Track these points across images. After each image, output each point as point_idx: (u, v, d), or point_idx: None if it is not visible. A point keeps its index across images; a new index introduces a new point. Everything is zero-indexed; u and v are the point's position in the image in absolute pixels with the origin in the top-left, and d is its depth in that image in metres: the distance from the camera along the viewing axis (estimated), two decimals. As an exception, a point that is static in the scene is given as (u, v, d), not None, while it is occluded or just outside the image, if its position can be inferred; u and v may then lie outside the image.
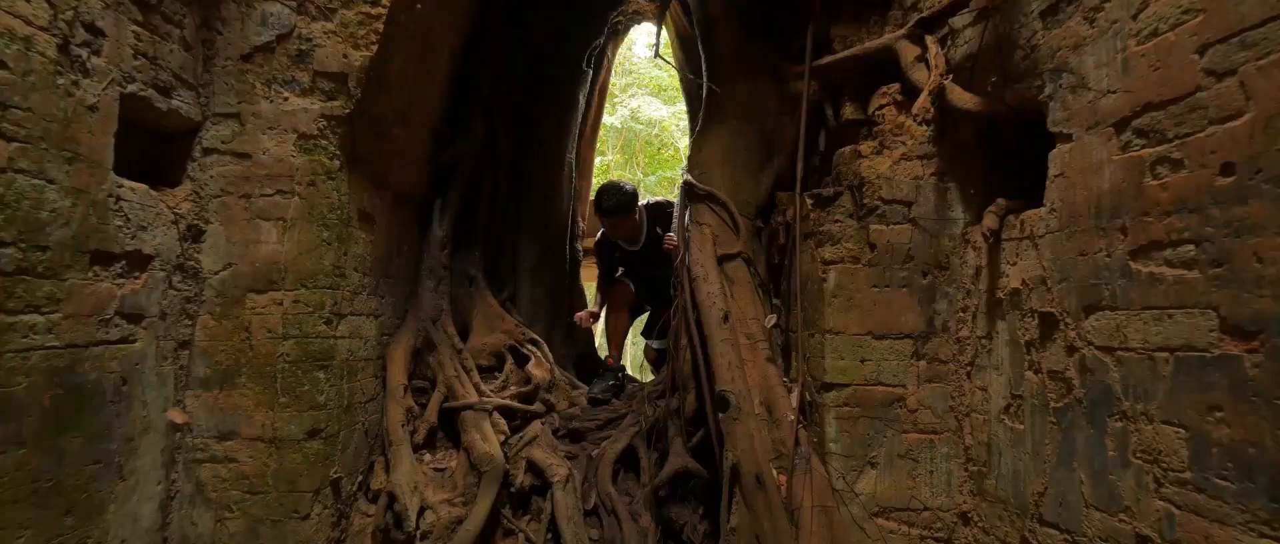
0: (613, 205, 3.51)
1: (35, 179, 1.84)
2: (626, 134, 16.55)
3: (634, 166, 15.55)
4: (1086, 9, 1.98)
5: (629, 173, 15.45)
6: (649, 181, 15.97)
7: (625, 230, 3.65)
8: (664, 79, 14.50)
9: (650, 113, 14.73)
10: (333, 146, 2.66)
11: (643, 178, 15.89)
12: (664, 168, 15.99)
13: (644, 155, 15.70)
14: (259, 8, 2.59)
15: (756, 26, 3.66)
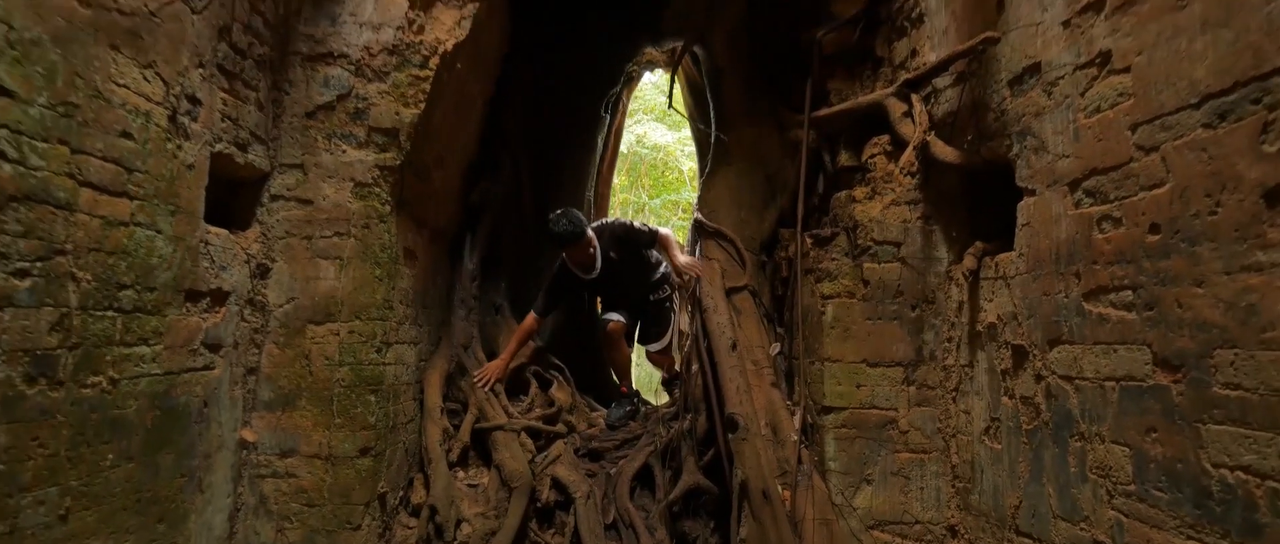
0: (562, 232, 3.45)
1: (149, 230, 2.16)
2: (632, 158, 16.94)
3: (639, 189, 15.93)
4: (1045, 83, 2.31)
5: (634, 196, 15.82)
6: (654, 204, 16.34)
7: (580, 257, 3.58)
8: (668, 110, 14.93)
9: (656, 138, 15.14)
10: (384, 193, 2.99)
11: (648, 201, 16.25)
12: (668, 191, 16.36)
13: (649, 179, 16.10)
14: (322, 72, 2.93)
15: (759, 78, 4.02)
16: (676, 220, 16.26)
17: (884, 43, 3.49)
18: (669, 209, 16.51)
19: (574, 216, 3.48)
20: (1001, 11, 2.57)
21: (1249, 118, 1.56)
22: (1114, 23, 1.98)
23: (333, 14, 2.94)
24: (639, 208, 16.13)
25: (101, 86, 1.93)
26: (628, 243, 3.68)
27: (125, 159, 2.04)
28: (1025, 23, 2.41)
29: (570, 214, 3.49)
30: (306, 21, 2.92)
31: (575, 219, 3.47)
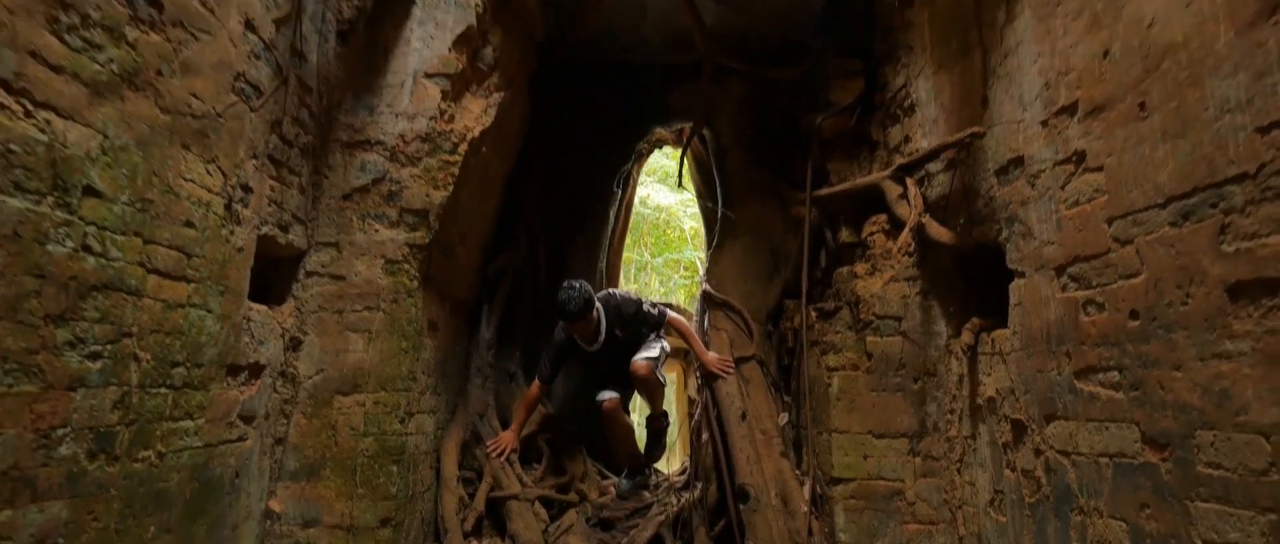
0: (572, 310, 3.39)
1: (201, 310, 2.32)
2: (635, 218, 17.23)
3: (642, 247, 16.21)
4: (1028, 174, 2.52)
5: (637, 254, 16.07)
6: (656, 263, 16.58)
7: (585, 331, 3.51)
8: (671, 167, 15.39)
9: (658, 199, 15.53)
10: (413, 269, 3.17)
11: (650, 259, 16.51)
12: (669, 249, 16.65)
13: (652, 237, 16.41)
14: (359, 157, 3.17)
15: (763, 156, 4.27)
16: (678, 278, 16.48)
17: (879, 128, 3.75)
18: (670, 267, 16.76)
19: (583, 291, 3.41)
20: (986, 107, 2.81)
21: (1208, 219, 1.74)
22: (1086, 126, 2.20)
23: (371, 105, 3.19)
24: (641, 266, 16.37)
25: (172, 182, 2.13)
26: (635, 323, 3.60)
27: (187, 246, 2.22)
28: (1008, 120, 2.65)
29: (580, 288, 3.41)
30: (347, 112, 3.18)
31: (584, 294, 3.40)
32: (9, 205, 1.57)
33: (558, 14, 3.97)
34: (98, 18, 1.77)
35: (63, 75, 1.68)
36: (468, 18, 3.28)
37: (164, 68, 2.03)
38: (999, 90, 2.71)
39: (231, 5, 2.33)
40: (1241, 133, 1.65)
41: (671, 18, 3.93)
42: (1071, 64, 2.28)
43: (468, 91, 3.45)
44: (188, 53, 2.13)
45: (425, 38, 3.26)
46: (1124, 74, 2.04)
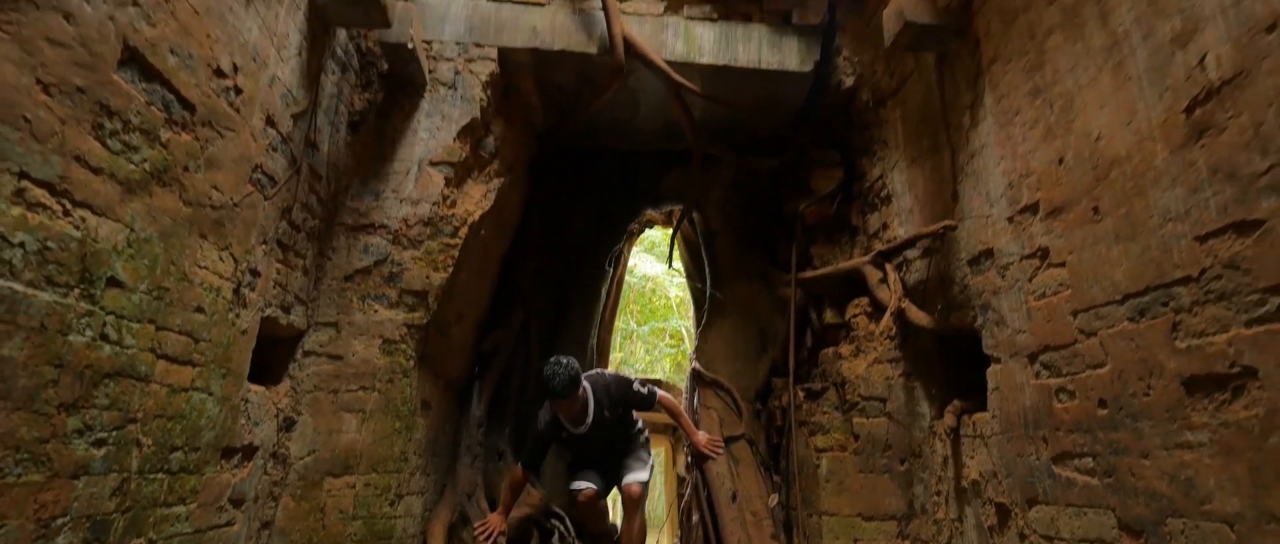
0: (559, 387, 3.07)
1: (203, 394, 2.36)
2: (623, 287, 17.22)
3: (628, 316, 16.28)
4: (999, 266, 2.69)
5: (623, 322, 16.11)
6: (642, 331, 16.61)
7: (571, 409, 3.19)
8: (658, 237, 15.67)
9: (645, 269, 15.75)
10: (410, 349, 3.23)
11: (636, 327, 16.56)
12: (656, 318, 16.73)
13: (638, 306, 16.50)
14: (363, 240, 3.28)
15: (750, 239, 4.46)
16: (664, 346, 16.50)
17: (859, 215, 3.96)
18: (656, 335, 16.79)
19: (570, 368, 3.12)
20: (957, 201, 3.02)
21: (1162, 317, 1.89)
22: (1048, 225, 2.39)
23: (377, 191, 3.34)
24: (627, 334, 16.38)
25: (188, 270, 2.22)
26: (624, 403, 3.35)
27: (196, 330, 2.29)
28: (977, 214, 2.85)
29: (567, 365, 3.13)
30: (353, 197, 3.32)
31: (572, 370, 3.12)
32: (39, 299, 1.65)
33: (558, 105, 4.23)
34: (137, 122, 1.91)
35: (101, 176, 1.80)
36: (473, 111, 3.49)
37: (190, 163, 2.16)
38: (968, 187, 2.93)
39: (256, 104, 2.50)
40: (1183, 240, 1.83)
41: (663, 110, 4.20)
42: (1031, 167, 2.49)
43: (470, 178, 3.62)
44: (213, 149, 2.27)
45: (432, 129, 3.45)
46: (1078, 180, 2.24)
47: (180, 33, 2.04)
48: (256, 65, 2.47)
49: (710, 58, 3.70)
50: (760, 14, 3.79)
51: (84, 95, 1.71)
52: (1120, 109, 2.07)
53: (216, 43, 2.21)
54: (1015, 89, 2.60)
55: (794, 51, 3.74)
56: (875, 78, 3.73)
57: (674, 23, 3.75)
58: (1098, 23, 2.18)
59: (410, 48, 3.22)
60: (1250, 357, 1.62)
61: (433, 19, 3.64)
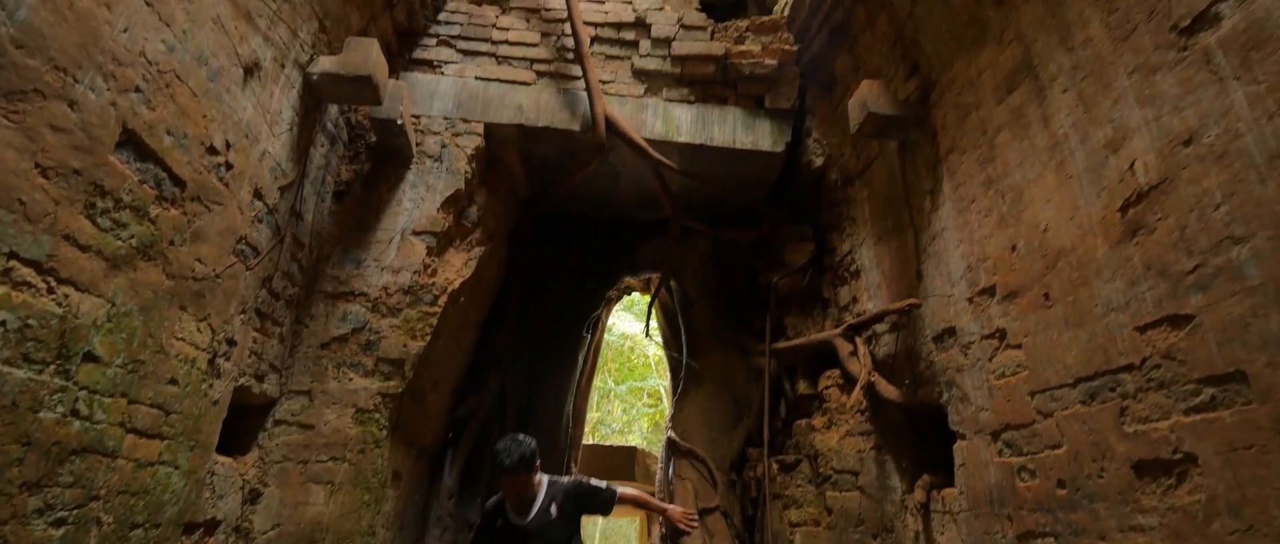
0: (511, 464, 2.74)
1: (170, 468, 2.32)
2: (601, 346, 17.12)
3: (606, 374, 16.13)
4: (961, 344, 2.80)
5: (601, 380, 15.94)
6: (619, 390, 16.44)
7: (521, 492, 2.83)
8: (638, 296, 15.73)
9: (624, 328, 15.74)
10: (383, 418, 3.20)
11: (614, 386, 16.40)
12: (634, 377, 16.59)
13: (616, 364, 16.39)
14: (342, 308, 3.30)
15: (725, 308, 4.55)
16: (641, 406, 16.32)
17: (830, 288, 4.09)
18: (634, 395, 16.63)
19: (527, 445, 2.81)
20: (921, 280, 3.16)
21: (1110, 401, 1.99)
22: (1004, 308, 2.52)
23: (359, 259, 3.39)
24: (605, 393, 16.20)
25: (165, 342, 2.22)
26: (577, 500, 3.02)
27: (167, 403, 2.27)
28: (940, 293, 2.98)
29: (524, 441, 2.82)
30: (335, 265, 3.35)
31: (528, 448, 2.80)
32: (14, 377, 1.65)
33: (541, 176, 4.36)
34: (129, 200, 1.96)
35: (88, 252, 1.83)
36: (457, 183, 3.60)
37: (176, 238, 2.20)
38: (930, 266, 3.07)
39: (245, 178, 2.56)
40: (1125, 329, 1.95)
41: (643, 183, 4.35)
42: (987, 252, 2.64)
43: (451, 246, 3.69)
44: (200, 223, 2.31)
45: (416, 199, 3.54)
46: (1030, 267, 2.39)
47: (177, 114, 2.12)
48: (248, 141, 2.55)
49: (687, 137, 3.89)
50: (735, 97, 4.01)
51: (80, 177, 1.77)
52: (1064, 204, 2.23)
53: (211, 122, 2.30)
54: (970, 178, 2.78)
55: (767, 133, 3.95)
56: (843, 159, 3.93)
57: (653, 104, 3.95)
58: (1041, 124, 2.38)
59: (399, 124, 3.34)
60: (1191, 444, 1.72)
61: (422, 95, 3.79)
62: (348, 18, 3.21)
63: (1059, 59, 2.29)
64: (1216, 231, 1.68)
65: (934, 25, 2.98)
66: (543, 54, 3.97)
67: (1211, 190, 1.70)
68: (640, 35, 4.07)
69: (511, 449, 2.80)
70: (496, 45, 3.99)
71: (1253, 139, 1.60)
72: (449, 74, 3.88)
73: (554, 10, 4.07)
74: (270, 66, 2.66)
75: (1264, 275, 1.56)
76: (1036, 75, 2.40)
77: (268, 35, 2.61)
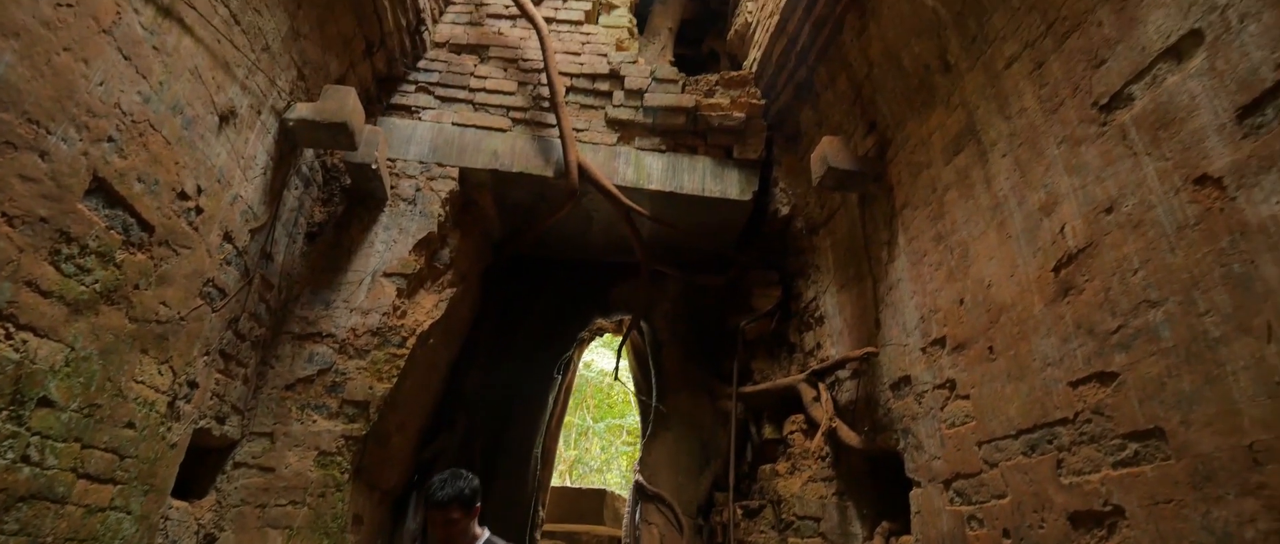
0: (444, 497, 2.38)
1: (121, 513, 2.29)
2: (578, 381, 17.11)
3: (584, 412, 15.96)
4: (916, 393, 2.89)
5: (578, 418, 15.76)
6: (598, 428, 16.25)
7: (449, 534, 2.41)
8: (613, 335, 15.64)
9: (602, 364, 15.65)
10: (345, 461, 3.18)
11: (592, 424, 16.21)
12: (612, 415, 16.43)
13: (593, 401, 16.24)
14: (309, 348, 3.30)
15: (695, 351, 4.61)
16: (619, 444, 16.12)
17: (796, 332, 4.18)
18: (613, 433, 16.45)
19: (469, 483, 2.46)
20: (879, 328, 3.26)
21: (1048, 454, 2.08)
22: (954, 359, 2.62)
23: (328, 300, 3.41)
24: (583, 430, 16.01)
25: (123, 386, 2.22)
26: None
27: (122, 447, 2.25)
28: (896, 342, 3.08)
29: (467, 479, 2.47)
30: (304, 306, 3.37)
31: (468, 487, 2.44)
32: (-35, 423, 1.65)
33: (515, 218, 4.44)
34: (95, 246, 1.99)
35: (50, 298, 1.85)
36: (430, 226, 3.65)
37: (142, 282, 2.22)
38: (887, 316, 3.18)
39: (215, 221, 2.60)
40: (1059, 384, 2.05)
41: (615, 226, 4.45)
42: (938, 304, 2.75)
43: (422, 288, 3.72)
44: (167, 267, 2.34)
45: (389, 241, 3.58)
46: (976, 320, 2.49)
47: (150, 162, 2.16)
48: (220, 186, 2.59)
49: (658, 184, 4.00)
50: (705, 147, 4.15)
51: (46, 224, 1.80)
52: (1005, 262, 2.35)
53: (183, 168, 2.34)
54: (923, 233, 2.91)
55: (735, 182, 4.08)
56: (808, 208, 4.07)
57: (625, 152, 4.07)
58: (984, 185, 2.52)
59: (374, 168, 3.41)
60: (1119, 497, 1.80)
61: (399, 139, 3.87)
62: (327, 66, 3.30)
63: (999, 126, 2.44)
64: (1135, 295, 1.80)
65: (889, 87, 3.15)
66: (519, 102, 4.09)
67: (1130, 256, 1.83)
68: (614, 86, 4.22)
69: (448, 482, 2.44)
70: (474, 92, 4.10)
71: (1162, 210, 1.73)
72: (426, 119, 3.98)
73: (531, 61, 4.21)
74: (246, 113, 2.73)
75: (1176, 338, 1.67)
76: (979, 139, 2.55)
77: (245, 83, 2.68)
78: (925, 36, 2.82)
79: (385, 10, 3.50)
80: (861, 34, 3.21)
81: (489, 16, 4.41)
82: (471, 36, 4.28)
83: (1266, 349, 1.46)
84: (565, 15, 4.53)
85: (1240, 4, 1.55)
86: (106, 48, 1.91)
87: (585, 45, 4.39)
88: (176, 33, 2.22)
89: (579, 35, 4.45)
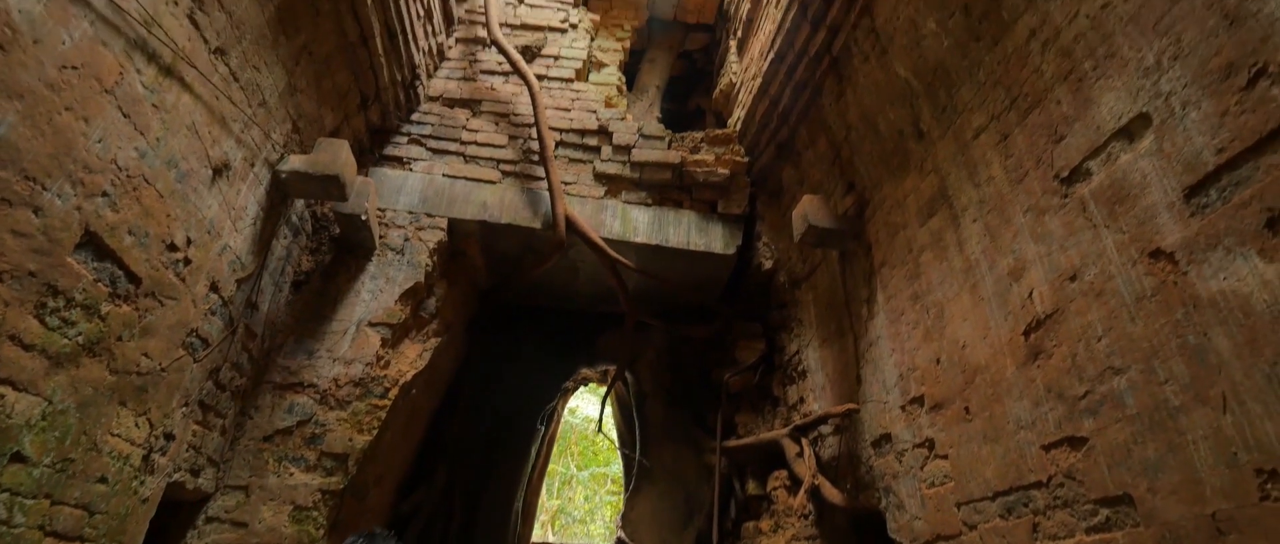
0: None
1: (86, 572, 2.23)
2: (563, 428, 16.84)
3: (568, 459, 15.65)
4: (896, 451, 2.91)
5: (562, 466, 15.45)
6: (582, 476, 15.91)
7: None
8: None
9: (587, 410, 15.45)
10: (321, 516, 3.11)
11: (576, 472, 15.88)
12: (597, 463, 16.13)
13: (579, 448, 15.95)
14: (289, 399, 3.28)
15: (679, 403, 4.61)
16: (604, 493, 15.77)
17: (779, 386, 4.21)
18: (597, 481, 16.11)
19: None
20: (860, 385, 3.30)
21: (1025, 517, 2.10)
22: (933, 418, 2.65)
23: (311, 349, 3.39)
24: (567, 479, 15.66)
25: (99, 439, 2.19)
26: None
27: (93, 503, 2.21)
28: (876, 399, 3.11)
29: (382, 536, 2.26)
30: (286, 355, 3.35)
31: None
32: (-65, 480, 1.62)
33: (502, 268, 4.48)
34: (81, 298, 2.00)
35: (31, 352, 1.85)
36: (417, 276, 3.68)
37: (125, 334, 2.23)
38: (867, 372, 3.22)
39: (202, 272, 2.62)
40: (1033, 447, 2.09)
41: (601, 278, 4.50)
42: (916, 363, 2.81)
43: (407, 338, 3.72)
44: (151, 318, 2.34)
45: (375, 291, 3.60)
46: (952, 380, 2.54)
47: (141, 215, 2.20)
48: (210, 237, 2.62)
49: (644, 237, 4.08)
50: (690, 202, 4.25)
51: (34, 278, 1.82)
52: (978, 324, 2.42)
53: (174, 220, 2.38)
54: (900, 292, 2.98)
55: (719, 236, 4.17)
56: (791, 263, 4.16)
57: (612, 205, 4.16)
58: (957, 248, 2.60)
59: (363, 219, 3.45)
60: (1092, 563, 1.82)
61: (389, 190, 3.94)
62: (322, 119, 3.38)
63: (969, 192, 2.55)
64: (1100, 361, 1.86)
65: (866, 150, 3.28)
66: (509, 155, 4.19)
67: (1094, 324, 1.90)
68: (602, 141, 4.34)
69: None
70: (465, 145, 4.20)
71: (1122, 281, 1.81)
72: (417, 171, 4.05)
73: (522, 115, 4.34)
74: (240, 166, 2.78)
75: (1139, 405, 1.73)
76: (951, 204, 2.65)
77: (240, 137, 2.75)
78: (899, 104, 2.96)
79: (381, 66, 3.61)
80: (839, 99, 3.36)
81: (482, 72, 4.55)
82: (465, 91, 4.41)
83: (1223, 419, 1.51)
84: (557, 73, 4.68)
85: (1182, 92, 1.67)
86: (107, 106, 1.96)
87: (575, 101, 4.53)
88: (176, 90, 2.28)
89: (569, 92, 4.60)
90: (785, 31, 3.46)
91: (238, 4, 2.50)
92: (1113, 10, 1.89)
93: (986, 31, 2.41)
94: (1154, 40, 1.75)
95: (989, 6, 2.37)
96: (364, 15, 3.24)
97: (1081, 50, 2.00)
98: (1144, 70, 1.78)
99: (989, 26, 2.39)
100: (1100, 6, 1.94)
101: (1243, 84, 1.51)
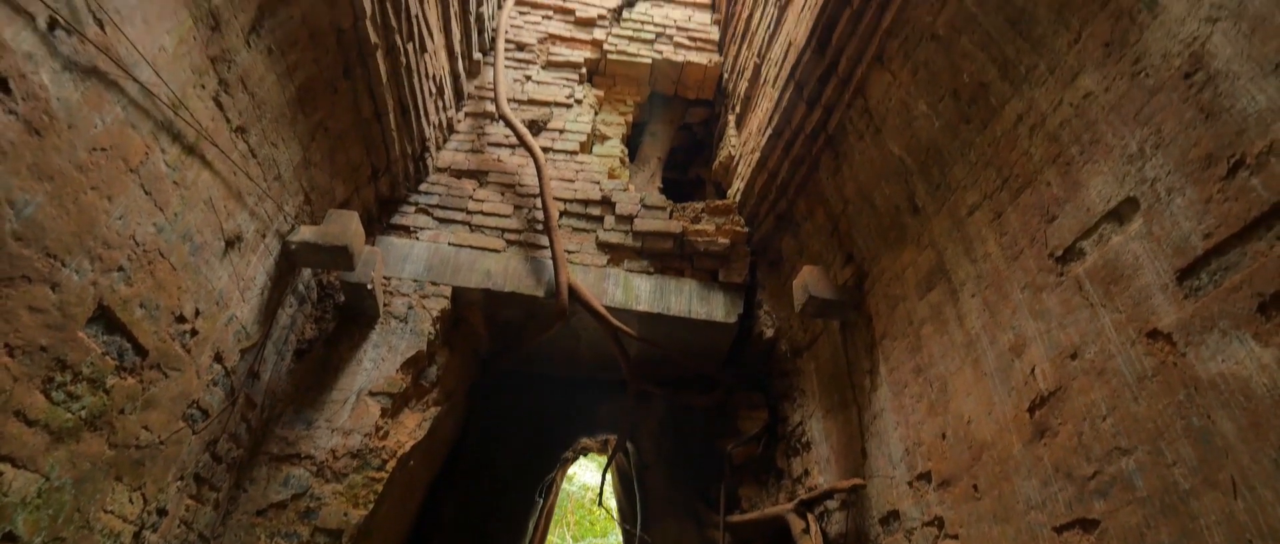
0: None
1: (65, 660, 2.13)
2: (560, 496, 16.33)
3: (565, 528, 15.11)
4: (904, 528, 2.84)
5: (558, 538, 14.90)
6: (577, 548, 15.30)
7: None
8: (599, 449, 15.15)
9: (585, 477, 15.04)
10: (311, 597, 3.01)
11: (572, 542, 15.29)
12: (593, 533, 15.56)
13: (576, 516, 15.42)
14: (285, 471, 3.22)
15: (682, 474, 4.52)
16: (601, 568, 15.14)
17: (783, 458, 4.14)
18: (593, 555, 15.50)
19: None
20: (866, 458, 3.25)
21: (1040, 603, 2.03)
22: (940, 495, 2.61)
23: (310, 419, 3.36)
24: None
25: (92, 517, 2.15)
26: None
27: (79, 584, 2.14)
28: (882, 474, 3.06)
29: None
30: (284, 425, 3.32)
31: None
32: (-76, 563, 1.59)
33: (504, 335, 4.49)
34: (88, 372, 2.01)
35: (35, 427, 1.85)
36: (420, 344, 3.69)
37: (128, 406, 2.22)
38: (872, 446, 3.18)
39: (208, 343, 2.63)
40: (1044, 528, 2.05)
41: (602, 345, 4.50)
42: (921, 438, 2.78)
43: (407, 407, 3.69)
44: (154, 390, 2.34)
45: (377, 359, 3.60)
46: (959, 457, 2.52)
47: (154, 288, 2.23)
48: (218, 308, 2.65)
49: (646, 306, 4.11)
50: (691, 270, 4.31)
51: (45, 353, 1.83)
52: (982, 399, 2.42)
53: (185, 293, 2.41)
54: (902, 364, 2.99)
55: (720, 304, 4.20)
56: (792, 332, 4.17)
57: (615, 274, 4.21)
58: (957, 322, 2.63)
59: (370, 288, 3.49)
60: (1113, 654, 1.76)
61: (396, 258, 4.00)
62: (333, 190, 3.48)
63: (966, 267, 2.60)
64: (1107, 441, 1.86)
65: (863, 223, 3.36)
66: (514, 224, 4.28)
67: (1098, 402, 1.90)
68: (605, 211, 4.43)
69: None
70: (471, 214, 4.29)
71: (1122, 360, 1.83)
72: (423, 239, 4.13)
73: (528, 186, 4.45)
74: (252, 237, 2.84)
75: (1149, 488, 1.71)
76: (949, 278, 2.70)
77: (254, 210, 2.82)
78: (894, 180, 3.05)
79: (393, 141, 3.74)
80: (836, 173, 3.47)
81: (490, 145, 4.70)
82: (472, 162, 4.55)
83: (1234, 505, 1.50)
84: (562, 145, 4.84)
85: (1166, 179, 1.74)
86: (131, 185, 2.03)
87: (579, 172, 4.66)
88: (196, 168, 2.36)
89: (574, 163, 4.74)
90: (782, 110, 3.61)
91: (262, 85, 2.63)
92: (1094, 100, 1.99)
93: (976, 115, 2.52)
94: (1135, 129, 1.84)
95: (976, 92, 2.49)
96: (380, 94, 3.38)
97: (1067, 135, 2.09)
98: (1128, 157, 1.85)
99: (978, 110, 2.50)
100: (1083, 96, 2.04)
101: (1223, 173, 1.58)
